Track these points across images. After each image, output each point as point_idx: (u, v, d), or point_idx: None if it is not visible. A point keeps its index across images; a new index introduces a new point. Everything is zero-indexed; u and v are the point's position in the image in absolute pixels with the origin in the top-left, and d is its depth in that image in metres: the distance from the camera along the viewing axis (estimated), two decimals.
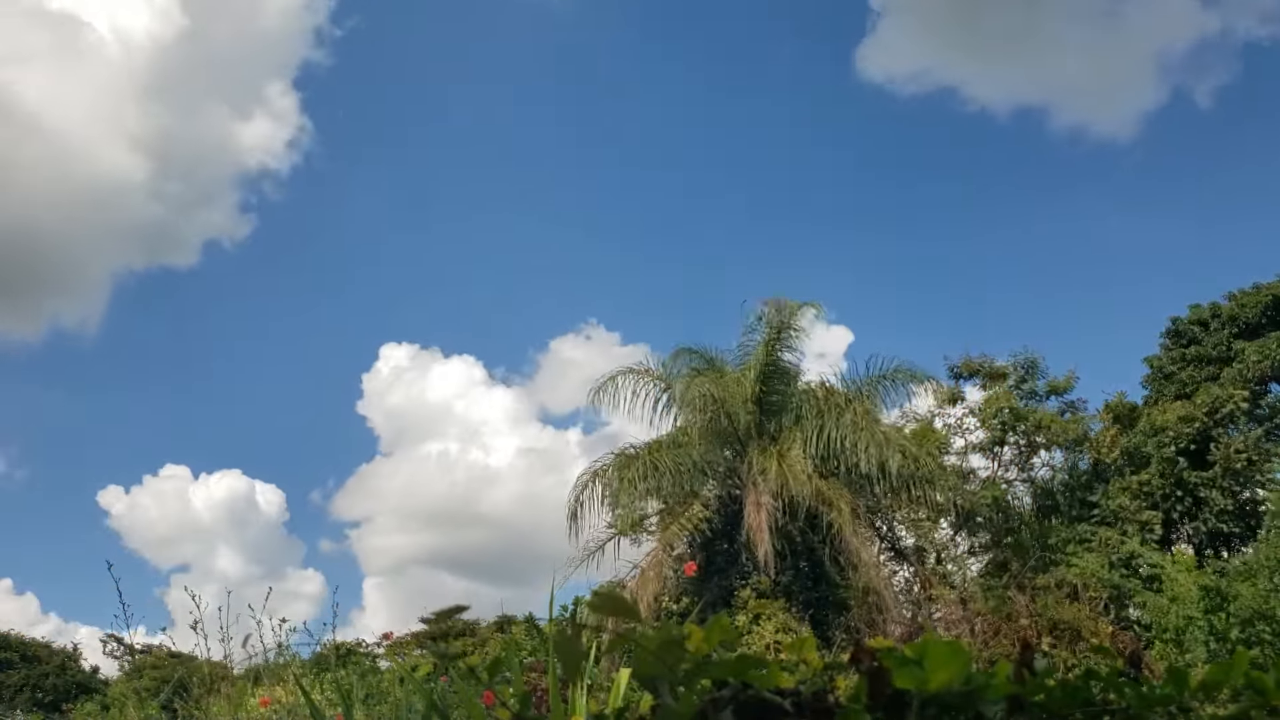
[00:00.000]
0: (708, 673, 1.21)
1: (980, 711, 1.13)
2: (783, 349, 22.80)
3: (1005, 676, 1.17)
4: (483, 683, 2.84)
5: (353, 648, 24.24)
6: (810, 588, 20.30)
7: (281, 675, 6.83)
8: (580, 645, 1.34)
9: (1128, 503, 27.30)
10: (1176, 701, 1.20)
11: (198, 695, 6.37)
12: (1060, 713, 1.20)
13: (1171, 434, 27.51)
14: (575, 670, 1.34)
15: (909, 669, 1.10)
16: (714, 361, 23.41)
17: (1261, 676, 1.14)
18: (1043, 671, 1.21)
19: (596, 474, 22.73)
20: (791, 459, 20.67)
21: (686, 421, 23.29)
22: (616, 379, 23.53)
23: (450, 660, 2.83)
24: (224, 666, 6.90)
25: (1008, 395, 30.05)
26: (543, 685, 3.81)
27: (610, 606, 1.26)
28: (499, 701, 2.81)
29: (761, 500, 20.03)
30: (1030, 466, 30.81)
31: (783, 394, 22.76)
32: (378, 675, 7.28)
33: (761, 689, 1.17)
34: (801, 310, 23.00)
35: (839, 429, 22.03)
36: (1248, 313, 31.23)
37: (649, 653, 1.21)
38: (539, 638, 13.85)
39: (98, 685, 33.74)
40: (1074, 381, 30.43)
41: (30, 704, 31.86)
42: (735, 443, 22.41)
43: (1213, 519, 27.36)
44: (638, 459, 22.15)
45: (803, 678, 2.17)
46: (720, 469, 22.94)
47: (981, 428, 30.36)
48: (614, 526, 23.94)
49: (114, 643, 35.59)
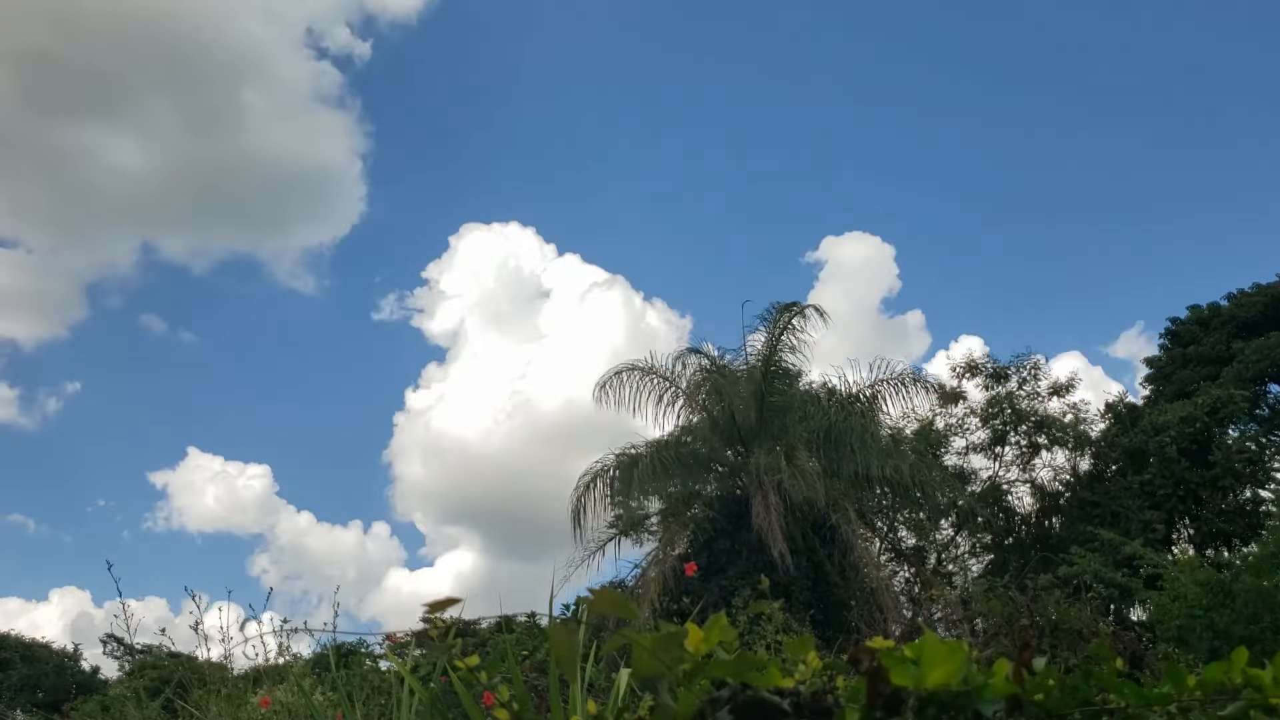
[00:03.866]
0: (706, 673, 1.21)
1: (979, 711, 1.13)
2: (786, 349, 22.86)
3: (1004, 676, 1.17)
4: (482, 683, 2.84)
5: (354, 648, 24.27)
6: (811, 588, 20.29)
7: (282, 675, 6.84)
8: (577, 640, 1.34)
9: (1129, 502, 27.31)
10: (1175, 700, 1.20)
11: (198, 696, 6.37)
12: (1059, 712, 1.20)
13: (1173, 434, 27.51)
14: (572, 666, 1.34)
15: (905, 667, 1.10)
16: (719, 360, 23.44)
17: (1259, 674, 1.14)
18: (1042, 671, 1.21)
19: (598, 474, 22.75)
20: (798, 459, 20.70)
21: (690, 419, 23.33)
22: (621, 375, 23.52)
23: (450, 660, 2.83)
24: (223, 667, 6.90)
25: (1009, 395, 30.09)
26: (542, 685, 3.81)
27: (608, 604, 1.26)
28: (498, 702, 2.81)
29: (770, 500, 20.04)
30: (1031, 466, 30.84)
31: (786, 394, 22.80)
32: (379, 675, 7.28)
33: (760, 689, 1.17)
34: (804, 312, 23.07)
35: (842, 429, 22.06)
36: (1247, 313, 31.23)
37: (648, 652, 1.21)
38: (540, 637, 13.85)
39: (98, 685, 33.77)
40: (1076, 381, 30.47)
41: (30, 704, 31.88)
42: (738, 442, 22.43)
43: (1214, 519, 27.37)
44: (640, 458, 22.16)
45: (802, 678, 2.17)
46: (723, 468, 22.96)
47: (983, 427, 30.39)
48: (614, 526, 23.97)
49: (114, 643, 35.63)
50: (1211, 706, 1.20)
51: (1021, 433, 30.23)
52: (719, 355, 23.54)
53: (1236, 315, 31.44)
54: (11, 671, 37.28)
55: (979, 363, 30.69)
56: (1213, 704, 1.20)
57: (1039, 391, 30.23)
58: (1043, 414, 29.92)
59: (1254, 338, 30.45)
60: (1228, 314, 31.70)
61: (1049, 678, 1.19)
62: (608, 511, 23.25)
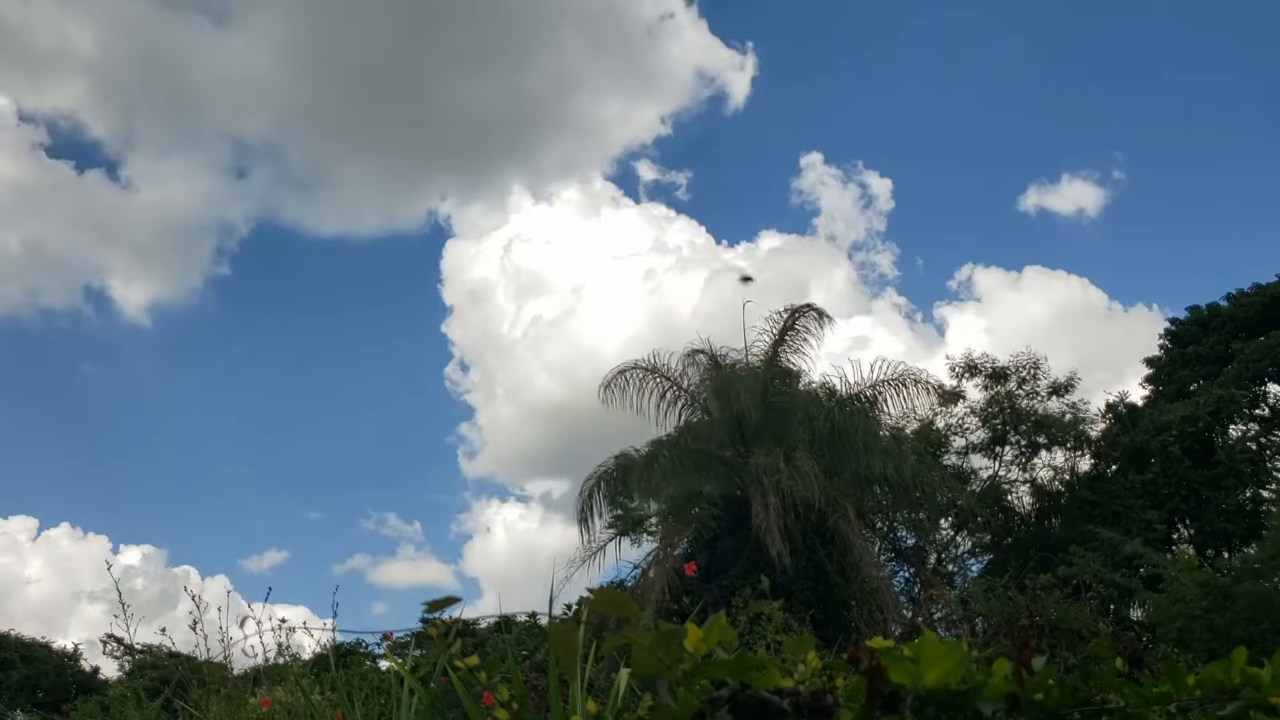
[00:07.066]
0: (706, 672, 1.21)
1: (978, 710, 1.13)
2: (788, 350, 22.87)
3: (1003, 676, 1.17)
4: (482, 683, 2.84)
5: (353, 648, 24.29)
6: (811, 587, 20.27)
7: (282, 675, 6.84)
8: (577, 640, 1.34)
9: (1130, 502, 27.31)
10: (1174, 700, 1.20)
11: (197, 696, 6.37)
12: (1059, 712, 1.20)
13: (1174, 433, 27.50)
14: (572, 665, 1.34)
15: (904, 665, 1.10)
16: (722, 360, 23.43)
17: (1258, 673, 1.14)
18: (1041, 671, 1.21)
19: (602, 476, 22.77)
20: (799, 459, 20.69)
21: (691, 419, 23.33)
22: (624, 374, 23.49)
23: (450, 660, 2.83)
24: (223, 667, 6.90)
25: (1008, 395, 30.11)
26: (542, 685, 3.81)
27: (608, 604, 1.26)
28: (498, 702, 2.81)
29: (769, 500, 20.03)
30: (1031, 466, 30.86)
31: (788, 394, 22.80)
32: (378, 675, 7.28)
33: (760, 689, 1.17)
34: (807, 313, 23.09)
35: (843, 430, 22.07)
36: (1246, 313, 31.21)
37: (648, 652, 1.21)
38: (540, 637, 13.86)
39: (98, 685, 33.73)
40: (1076, 381, 30.49)
41: (30, 704, 31.86)
42: (740, 442, 22.43)
43: (1215, 518, 27.36)
44: (641, 459, 22.17)
45: (801, 677, 2.17)
46: (724, 469, 22.96)
47: (983, 427, 30.40)
48: (615, 527, 24.00)
49: (114, 643, 35.58)
50: (1211, 706, 1.20)
51: (1021, 432, 30.25)
52: (722, 355, 23.54)
53: (1236, 315, 31.43)
54: (11, 671, 37.22)
55: (978, 362, 30.71)
56: (1212, 703, 1.20)
57: (1038, 391, 30.25)
58: (1042, 413, 29.93)
59: (1254, 338, 30.43)
60: (1227, 314, 31.70)
61: (1048, 677, 1.19)
62: (609, 512, 23.30)
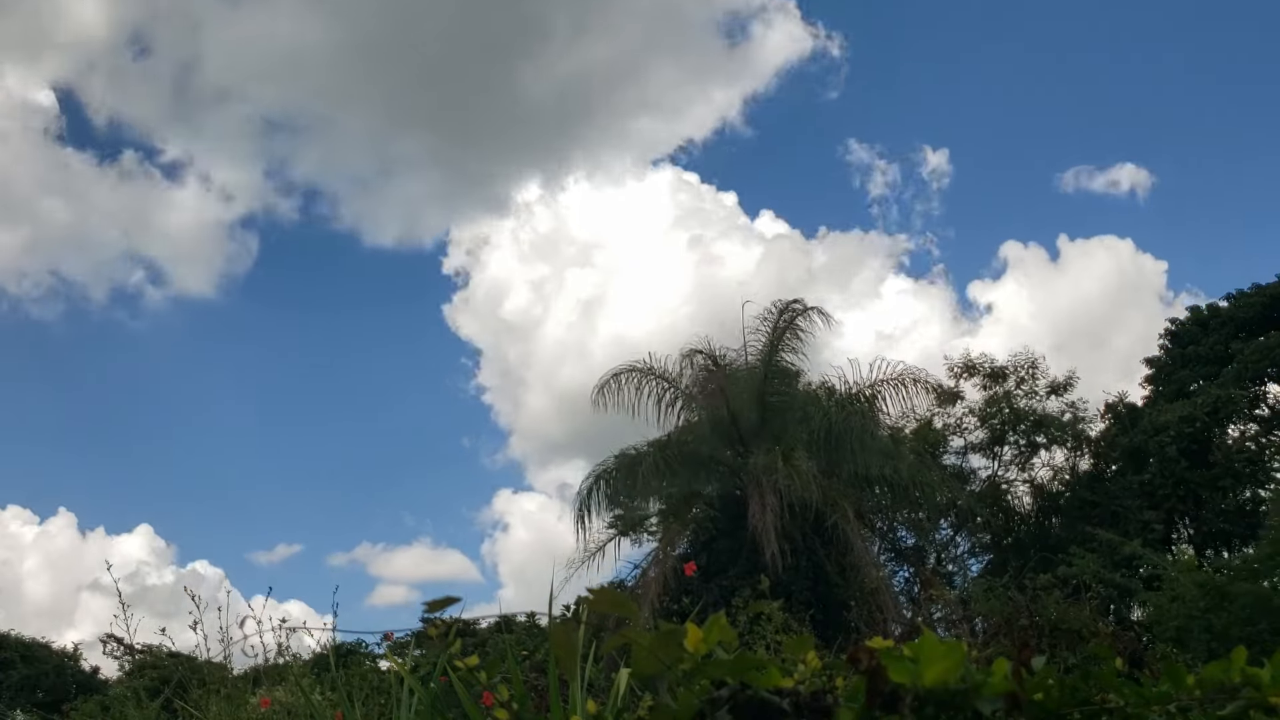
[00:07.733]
0: (706, 672, 1.21)
1: (978, 710, 1.14)
2: (786, 350, 22.86)
3: (1003, 675, 1.17)
4: (482, 683, 2.84)
5: (353, 648, 24.26)
6: (810, 587, 20.26)
7: (282, 675, 6.83)
8: (577, 640, 1.34)
9: (1128, 502, 27.31)
10: (1174, 700, 1.20)
11: (197, 696, 6.37)
12: (1058, 711, 1.20)
13: (1173, 433, 27.49)
14: (572, 665, 1.34)
15: (904, 664, 1.10)
16: (719, 360, 23.42)
17: (1258, 673, 1.14)
18: (1041, 671, 1.21)
19: (600, 476, 22.76)
20: (796, 459, 20.68)
21: (690, 420, 23.31)
22: (620, 377, 23.49)
23: (450, 660, 2.83)
24: (223, 667, 6.89)
25: (1007, 395, 30.11)
26: (542, 685, 3.81)
27: (608, 604, 1.26)
28: (498, 702, 2.81)
29: (767, 501, 20.03)
30: (1030, 466, 30.86)
31: (786, 394, 22.80)
32: (378, 675, 7.28)
33: (760, 689, 1.17)
34: (806, 313, 23.09)
35: (842, 429, 22.05)
36: (1246, 313, 31.22)
37: (648, 652, 1.21)
38: (540, 637, 13.85)
39: (98, 685, 33.71)
40: (1075, 381, 30.49)
41: (30, 704, 31.85)
42: (739, 442, 22.42)
43: (1214, 519, 27.37)
44: (641, 459, 22.16)
45: (801, 677, 2.17)
46: (723, 469, 22.95)
47: (981, 427, 30.40)
48: (614, 527, 23.99)
49: (114, 643, 35.57)
50: (1210, 705, 1.20)
51: (1020, 432, 30.25)
52: (720, 355, 23.53)
53: (1236, 315, 31.43)
54: (11, 671, 37.20)
55: (976, 363, 30.71)
56: (1211, 703, 1.20)
57: (1037, 391, 30.25)
58: (1041, 413, 29.93)
59: (1253, 338, 30.44)
60: (1227, 314, 31.70)
61: (1048, 677, 1.19)
62: (609, 511, 23.30)
